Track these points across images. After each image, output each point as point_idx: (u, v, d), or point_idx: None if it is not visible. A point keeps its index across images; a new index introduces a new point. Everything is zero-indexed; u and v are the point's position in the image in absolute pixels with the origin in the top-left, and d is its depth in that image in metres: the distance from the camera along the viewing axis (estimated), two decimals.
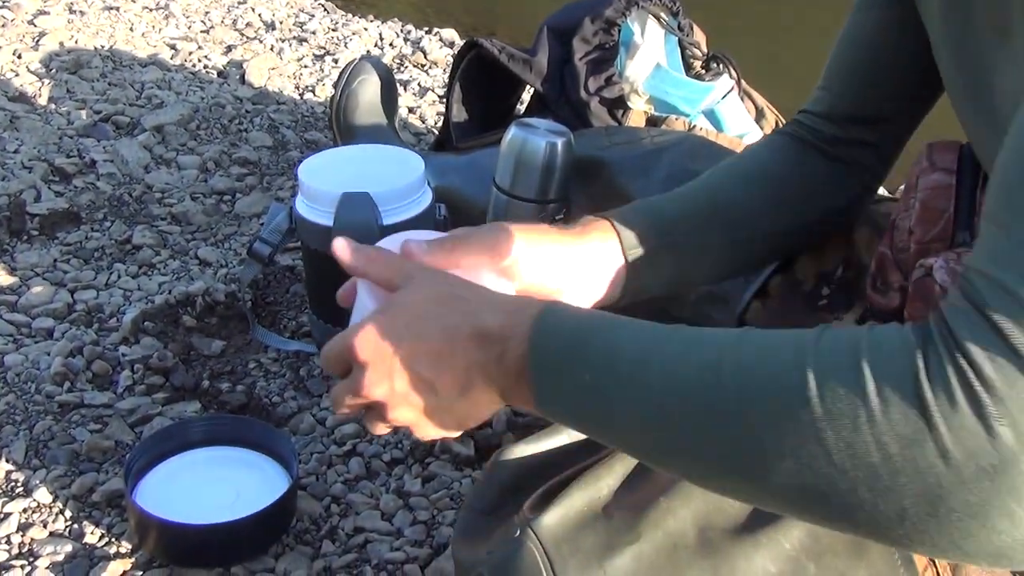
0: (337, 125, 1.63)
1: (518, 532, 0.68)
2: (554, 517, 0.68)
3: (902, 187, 0.89)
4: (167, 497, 1.00)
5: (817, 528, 0.55)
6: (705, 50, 1.53)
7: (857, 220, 0.94)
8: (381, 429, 0.67)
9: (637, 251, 0.81)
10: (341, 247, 0.69)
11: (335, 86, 1.65)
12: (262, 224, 1.46)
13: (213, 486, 1.02)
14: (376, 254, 0.69)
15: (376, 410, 0.65)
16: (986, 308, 0.46)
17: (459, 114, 1.59)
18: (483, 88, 1.61)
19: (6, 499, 1.04)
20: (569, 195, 1.24)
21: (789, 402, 0.48)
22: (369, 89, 1.62)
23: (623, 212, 0.83)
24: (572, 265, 0.77)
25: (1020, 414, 0.44)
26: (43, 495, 1.04)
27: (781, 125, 1.59)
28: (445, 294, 0.64)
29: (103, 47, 2.22)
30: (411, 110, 2.06)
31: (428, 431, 0.66)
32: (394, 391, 0.63)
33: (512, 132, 1.18)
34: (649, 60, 1.45)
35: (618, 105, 1.44)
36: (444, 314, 0.62)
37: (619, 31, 1.45)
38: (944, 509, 0.45)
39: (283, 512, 1.01)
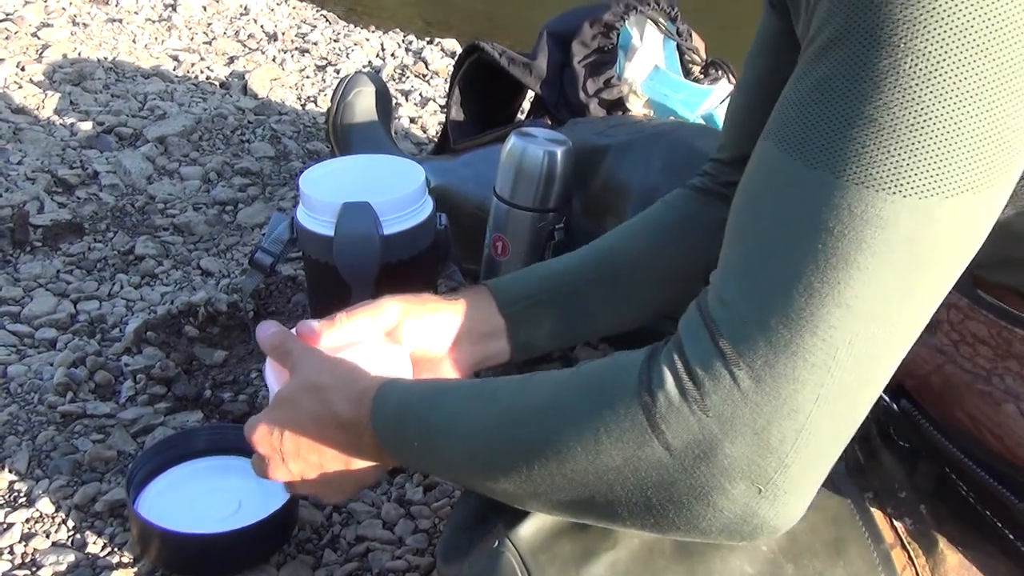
0: (334, 137, 1.64)
1: (496, 544, 0.68)
2: (531, 527, 0.68)
3: None
4: (169, 507, 1.01)
5: (795, 529, 0.58)
6: (704, 56, 1.55)
7: None
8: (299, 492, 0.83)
9: (514, 309, 0.87)
10: (261, 330, 0.82)
11: (332, 99, 1.67)
12: (264, 234, 1.47)
13: (215, 496, 1.03)
14: (274, 340, 0.81)
15: (288, 487, 0.80)
16: (707, 317, 0.53)
17: (458, 115, 1.61)
18: (483, 91, 1.63)
19: (8, 509, 1.05)
20: (570, 203, 1.25)
21: (546, 438, 0.58)
22: (365, 100, 1.64)
23: (504, 277, 0.92)
24: (450, 330, 0.86)
25: (722, 405, 0.51)
26: (45, 505, 1.05)
27: None
28: (312, 384, 0.75)
29: (106, 59, 2.25)
30: (412, 120, 2.08)
31: (333, 498, 0.81)
32: (291, 473, 0.76)
33: (512, 141, 1.19)
34: (648, 62, 1.47)
35: (617, 107, 1.46)
36: (312, 405, 0.74)
37: (618, 35, 1.46)
38: (677, 494, 0.53)
39: (285, 521, 1.01)
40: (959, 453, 0.68)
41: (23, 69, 2.13)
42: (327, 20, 2.77)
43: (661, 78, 1.46)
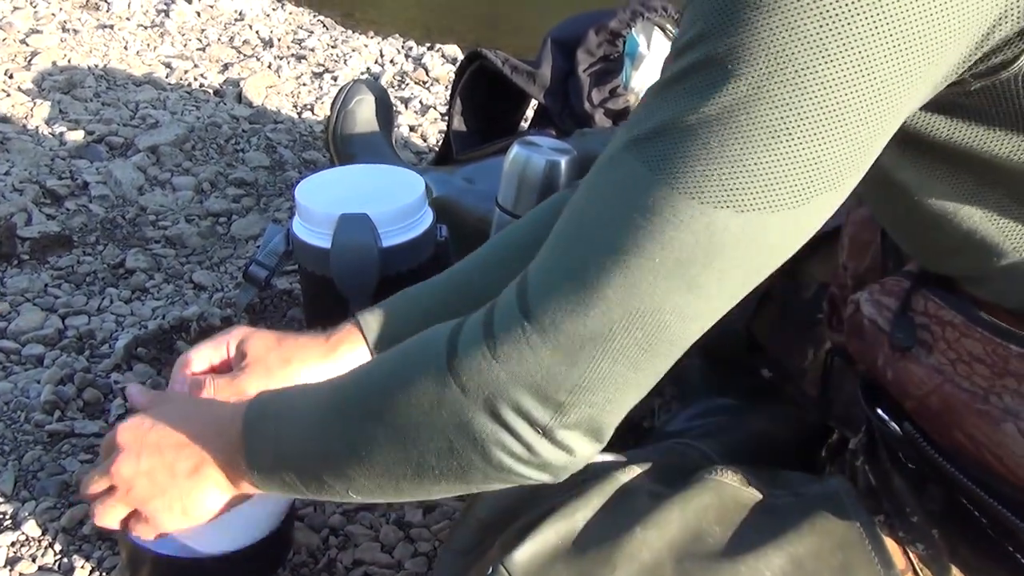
0: (334, 146, 1.63)
1: (491, 570, 0.68)
2: (527, 553, 0.68)
3: None
4: None
5: (799, 554, 0.60)
6: None
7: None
8: (109, 518, 0.81)
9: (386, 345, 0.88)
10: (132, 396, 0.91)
11: (331, 108, 1.66)
12: (258, 247, 1.46)
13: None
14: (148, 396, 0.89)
15: (116, 493, 0.79)
16: (522, 278, 0.60)
17: (460, 125, 1.60)
18: (485, 100, 1.62)
19: None
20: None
21: (370, 390, 0.66)
22: (365, 109, 1.62)
23: (374, 310, 0.93)
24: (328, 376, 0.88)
25: (511, 354, 0.58)
26: (32, 528, 1.04)
27: None
28: (198, 399, 0.84)
29: (97, 66, 2.24)
30: (412, 128, 2.07)
31: (157, 516, 0.79)
32: (138, 470, 0.77)
33: (514, 151, 1.18)
34: (655, 71, 1.46)
35: (623, 117, 1.45)
36: (192, 410, 0.81)
37: (624, 42, 1.45)
38: (472, 433, 0.60)
39: (280, 544, 1.00)
40: (962, 476, 0.68)
41: (11, 77, 2.12)
42: (324, 25, 2.77)
43: None
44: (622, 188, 0.55)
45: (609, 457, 0.80)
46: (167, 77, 2.22)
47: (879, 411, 0.72)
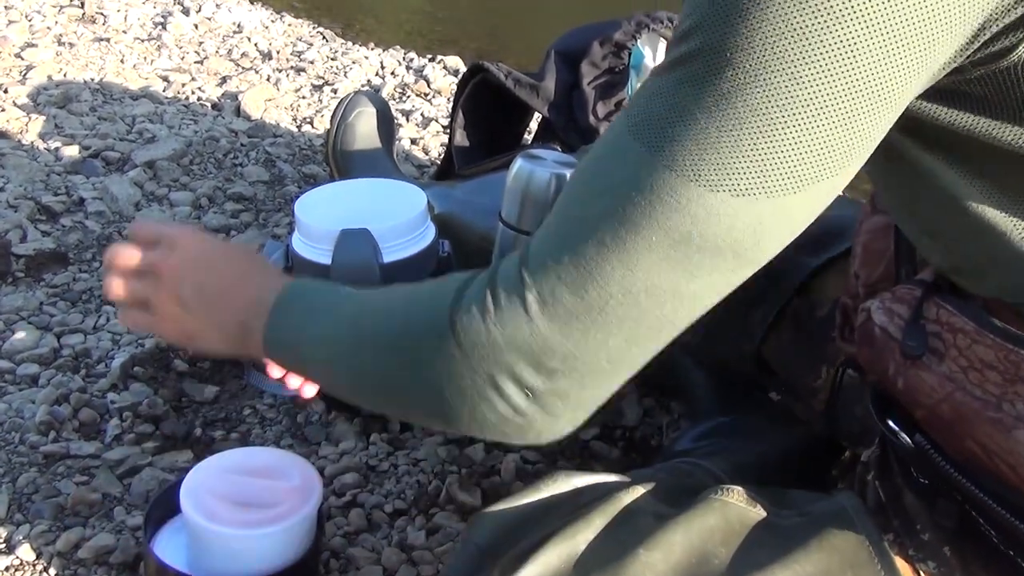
0: (334, 160, 1.64)
1: None
2: (529, 575, 0.68)
3: None
4: (184, 548, 1.00)
5: (808, 573, 0.62)
6: None
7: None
8: (133, 315, 0.89)
9: None
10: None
11: (331, 120, 1.67)
12: None
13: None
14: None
15: (146, 281, 0.86)
16: (525, 247, 0.63)
17: (462, 140, 1.60)
18: (488, 114, 1.63)
19: None
20: None
21: (383, 323, 0.72)
22: (366, 122, 1.63)
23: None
24: None
25: (509, 320, 0.61)
26: (26, 552, 1.04)
27: None
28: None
29: (93, 80, 2.25)
30: (414, 141, 2.08)
31: (167, 319, 0.86)
32: (178, 262, 0.85)
33: (518, 164, 1.19)
34: None
35: None
36: (243, 254, 0.91)
37: (629, 55, 1.46)
38: (462, 387, 0.64)
39: (305, 573, 1.00)
40: (974, 488, 0.68)
41: (6, 91, 2.14)
42: (324, 37, 2.78)
43: None
44: (622, 168, 0.58)
45: (612, 478, 0.80)
46: (164, 91, 2.24)
47: (890, 423, 0.73)
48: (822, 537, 0.71)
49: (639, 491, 0.77)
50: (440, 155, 2.01)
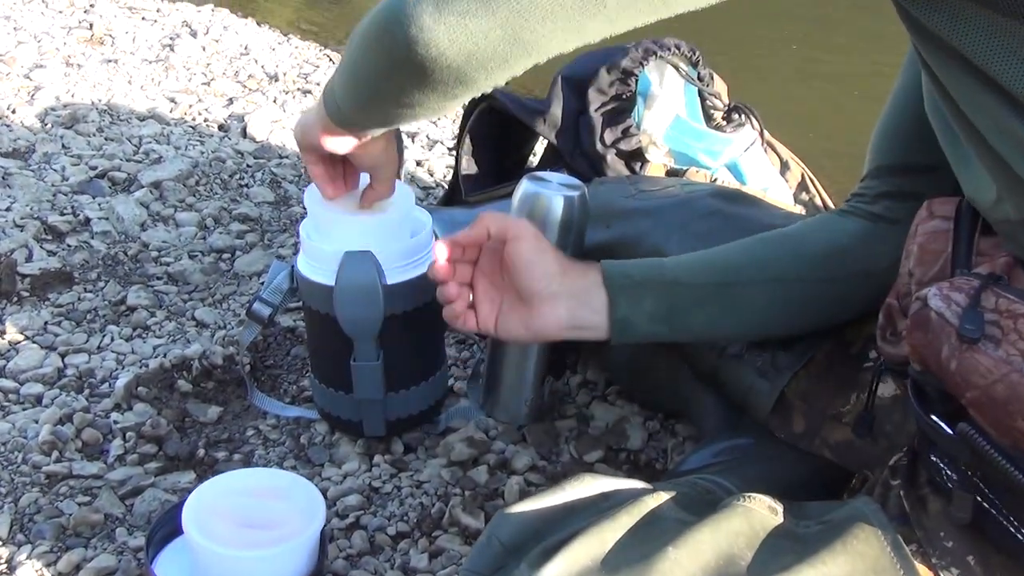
0: None
1: None
2: (556, 570, 0.68)
3: None
4: (187, 570, 1.00)
5: (834, 574, 0.62)
6: (726, 100, 1.55)
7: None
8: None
9: (618, 282, 1.02)
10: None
11: None
12: (262, 283, 1.47)
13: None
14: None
15: None
16: None
17: (469, 167, 1.61)
18: (494, 140, 1.64)
19: None
20: (585, 250, 1.25)
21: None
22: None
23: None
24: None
25: None
26: (27, 572, 1.04)
27: (807, 177, 1.61)
28: None
29: (100, 101, 2.27)
30: (419, 163, 2.09)
31: None
32: None
33: (524, 187, 1.19)
34: (668, 111, 1.47)
35: (636, 157, 1.46)
36: None
37: (636, 81, 1.47)
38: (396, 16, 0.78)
39: None
40: (1016, 472, 0.69)
41: (14, 111, 2.15)
42: (331, 60, 2.80)
43: (682, 128, 1.47)
44: None
45: (637, 483, 0.81)
46: (171, 112, 2.25)
47: (932, 417, 0.74)
48: (846, 542, 0.72)
49: (663, 496, 0.78)
50: (445, 176, 2.02)
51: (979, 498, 0.72)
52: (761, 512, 0.76)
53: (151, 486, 1.17)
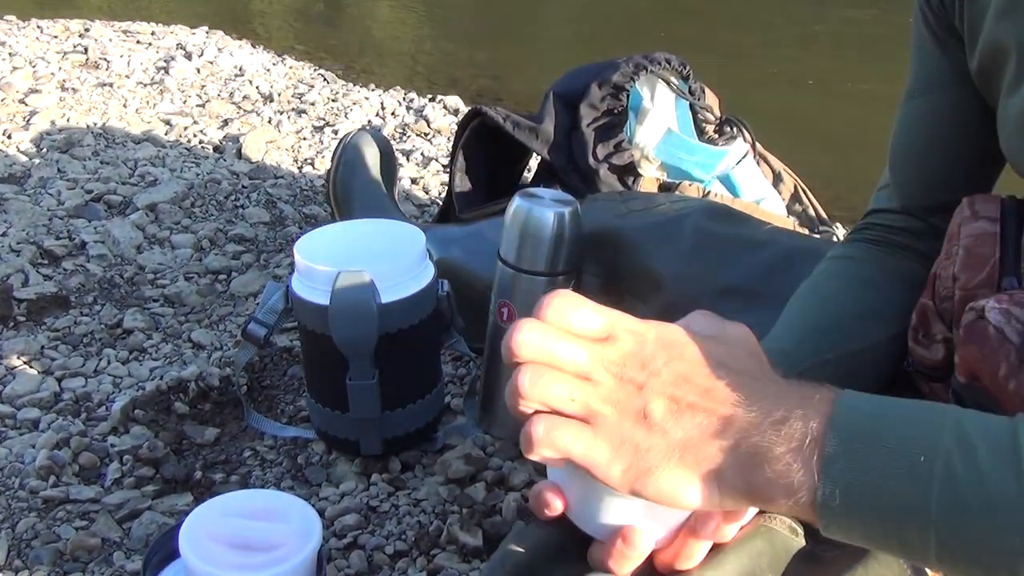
0: (334, 199, 1.65)
1: None
2: None
3: None
4: None
5: None
6: (718, 114, 1.56)
7: None
8: (547, 444, 0.53)
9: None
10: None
11: (332, 158, 1.68)
12: (258, 304, 1.47)
13: None
14: None
15: (596, 392, 0.54)
16: None
17: (462, 184, 1.61)
18: (488, 157, 1.64)
19: None
20: (579, 265, 1.25)
21: None
22: (367, 161, 1.65)
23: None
24: None
25: None
26: None
27: (800, 188, 1.61)
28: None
29: (96, 124, 2.28)
30: (414, 181, 2.09)
31: (608, 460, 0.53)
32: (658, 373, 0.53)
33: (516, 203, 1.20)
34: (660, 125, 1.48)
35: (628, 172, 1.46)
36: (746, 351, 0.58)
37: (628, 96, 1.48)
38: None
39: None
40: None
41: (9, 136, 2.16)
42: (325, 79, 2.81)
43: (675, 141, 1.47)
44: None
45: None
46: (166, 134, 2.26)
47: None
48: (867, 566, 0.71)
49: None
50: (440, 194, 2.02)
51: None
52: (782, 533, 0.75)
53: (148, 509, 1.17)
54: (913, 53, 0.90)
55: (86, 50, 2.82)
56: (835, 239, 1.56)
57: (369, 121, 2.47)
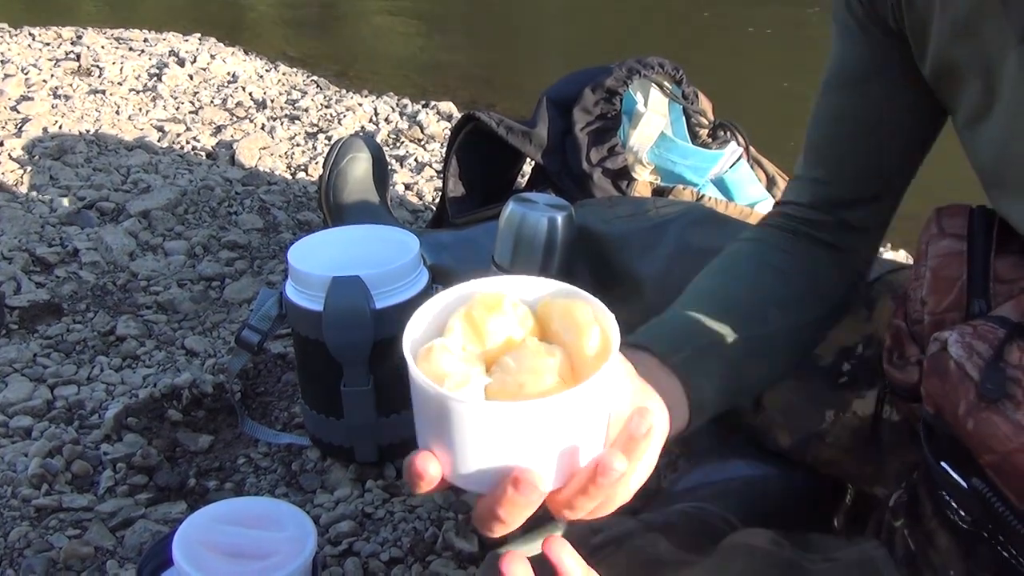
0: (327, 205, 1.65)
1: None
2: None
3: None
4: None
5: None
6: (711, 118, 1.56)
7: (850, 307, 0.93)
8: None
9: (681, 357, 0.74)
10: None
11: (324, 165, 1.68)
12: (251, 311, 1.46)
13: None
14: None
15: None
16: None
17: (456, 189, 1.61)
18: (481, 162, 1.64)
19: None
20: (572, 270, 1.25)
21: None
22: (359, 167, 1.64)
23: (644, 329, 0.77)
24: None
25: None
26: None
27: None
28: None
29: (88, 132, 2.27)
30: (408, 186, 2.09)
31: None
32: None
33: (510, 208, 1.19)
34: (653, 129, 1.48)
35: (622, 176, 1.46)
36: None
37: (621, 100, 1.47)
38: None
39: None
40: None
41: (1, 144, 2.15)
42: (318, 86, 2.81)
43: (668, 145, 1.47)
44: None
45: (627, 522, 0.78)
46: (159, 141, 2.25)
47: (944, 465, 0.68)
48: None
49: (658, 538, 0.75)
50: (434, 199, 2.02)
51: (990, 538, 0.68)
52: (764, 548, 0.74)
53: (142, 517, 1.16)
54: (835, 44, 0.85)
55: (78, 57, 2.81)
56: None
57: (363, 127, 2.47)
